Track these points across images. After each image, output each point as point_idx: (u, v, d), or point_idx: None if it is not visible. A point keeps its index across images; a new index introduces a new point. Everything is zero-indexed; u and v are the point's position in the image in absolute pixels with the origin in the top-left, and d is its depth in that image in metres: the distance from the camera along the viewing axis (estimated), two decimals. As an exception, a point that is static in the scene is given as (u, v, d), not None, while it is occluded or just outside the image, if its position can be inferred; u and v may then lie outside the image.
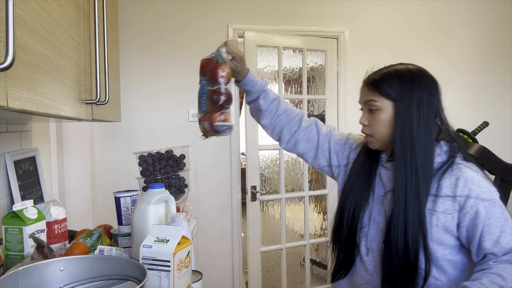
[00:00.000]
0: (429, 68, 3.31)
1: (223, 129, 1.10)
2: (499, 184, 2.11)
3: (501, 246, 0.98)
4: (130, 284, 0.87)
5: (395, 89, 1.05)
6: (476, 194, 1.00)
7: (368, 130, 1.11)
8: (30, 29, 0.74)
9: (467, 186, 1.01)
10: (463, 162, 1.06)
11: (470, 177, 1.02)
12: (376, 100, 1.07)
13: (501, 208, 1.01)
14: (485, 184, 1.02)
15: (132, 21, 2.61)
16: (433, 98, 1.07)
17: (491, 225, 0.99)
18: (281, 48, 2.74)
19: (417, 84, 1.05)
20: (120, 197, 1.37)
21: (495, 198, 1.01)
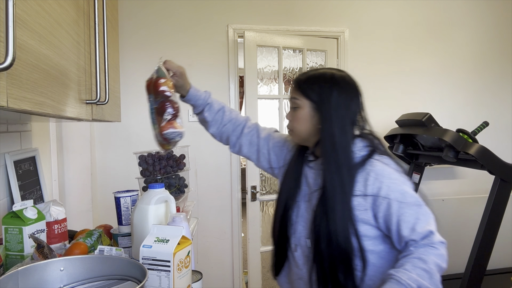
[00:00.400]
0: (429, 68, 3.31)
1: (172, 136, 1.16)
2: (499, 184, 2.11)
3: (418, 232, 1.03)
4: (130, 284, 0.87)
5: (316, 92, 1.14)
6: (386, 186, 1.06)
7: (289, 125, 1.21)
8: (30, 29, 0.74)
9: (377, 179, 1.07)
10: (376, 156, 1.13)
11: (380, 170, 1.08)
12: (297, 98, 1.17)
13: (412, 197, 1.06)
14: (395, 175, 1.08)
15: (132, 21, 2.61)
16: (351, 103, 1.14)
17: (405, 213, 1.04)
18: (281, 48, 2.74)
19: (336, 89, 1.13)
20: (120, 197, 1.37)
21: (406, 188, 1.07)
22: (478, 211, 2.37)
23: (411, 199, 1.05)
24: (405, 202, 1.05)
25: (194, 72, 2.71)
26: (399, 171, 1.10)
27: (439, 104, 3.04)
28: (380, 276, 1.08)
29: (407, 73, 3.01)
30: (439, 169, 3.07)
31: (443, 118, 2.76)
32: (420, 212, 1.05)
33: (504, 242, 2.90)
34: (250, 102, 2.68)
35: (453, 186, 3.13)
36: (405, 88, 3.00)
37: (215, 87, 2.74)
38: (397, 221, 1.04)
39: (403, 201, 1.05)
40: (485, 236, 2.12)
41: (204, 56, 2.71)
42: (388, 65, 2.97)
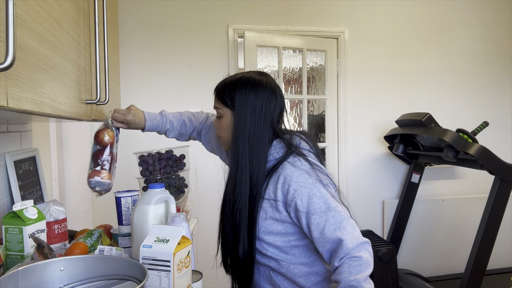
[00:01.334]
0: (429, 68, 3.31)
1: (95, 185, 1.24)
2: (499, 184, 2.11)
3: (325, 237, 1.02)
4: (130, 284, 0.87)
5: (234, 98, 1.15)
6: (293, 189, 1.05)
7: (217, 133, 1.25)
8: (30, 29, 0.74)
9: (286, 182, 1.07)
10: (290, 158, 1.12)
11: (289, 173, 1.07)
12: (218, 107, 1.20)
13: (322, 198, 1.04)
14: (303, 178, 1.06)
15: (132, 21, 2.61)
16: (268, 106, 1.14)
17: (314, 216, 1.03)
18: (281, 48, 2.74)
19: (253, 93, 1.14)
20: (121, 197, 1.37)
21: (313, 190, 1.05)
22: (478, 211, 2.37)
23: (318, 201, 1.03)
24: (313, 205, 1.03)
25: (194, 72, 2.71)
26: (311, 172, 1.08)
27: (439, 104, 3.04)
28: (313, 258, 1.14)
29: (407, 73, 3.01)
30: (439, 169, 3.07)
31: (443, 118, 2.76)
32: (329, 215, 1.02)
33: (504, 242, 2.90)
34: (250, 102, 2.68)
35: (453, 186, 3.13)
36: (405, 88, 3.00)
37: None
38: (307, 223, 1.04)
39: (311, 204, 1.03)
40: (485, 236, 2.12)
41: (204, 56, 2.71)
42: (388, 65, 2.97)
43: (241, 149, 1.12)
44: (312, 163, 1.10)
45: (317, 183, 1.06)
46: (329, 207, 1.03)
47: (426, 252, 3.03)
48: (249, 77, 1.16)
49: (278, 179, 1.09)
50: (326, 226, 1.02)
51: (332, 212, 1.02)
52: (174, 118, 1.49)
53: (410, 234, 2.98)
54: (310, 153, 1.16)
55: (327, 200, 1.04)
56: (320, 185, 1.05)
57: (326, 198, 1.04)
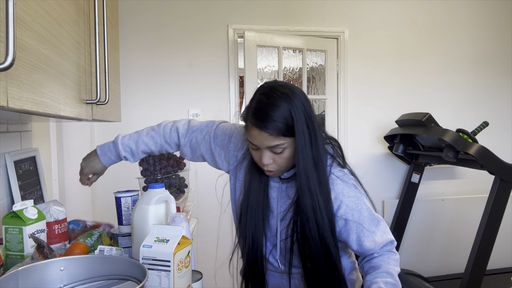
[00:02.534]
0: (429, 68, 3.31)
1: None
2: (499, 184, 2.11)
3: (379, 243, 1.10)
4: (130, 284, 0.87)
5: (290, 121, 0.99)
6: (345, 205, 1.07)
7: (273, 167, 1.07)
8: (30, 29, 0.74)
9: (338, 199, 1.07)
10: (336, 171, 1.10)
11: (340, 190, 1.08)
12: (280, 144, 1.01)
13: (368, 210, 1.09)
14: (352, 193, 1.08)
15: (132, 21, 2.61)
16: (311, 109, 1.05)
17: (363, 229, 1.09)
18: (281, 48, 2.74)
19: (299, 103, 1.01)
20: (121, 197, 1.37)
21: (361, 204, 1.09)
22: (478, 211, 2.37)
23: (366, 213, 1.09)
24: (361, 219, 1.08)
25: (195, 72, 2.71)
26: (355, 186, 1.10)
27: (439, 104, 3.04)
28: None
29: (407, 73, 3.01)
30: (439, 169, 3.07)
31: (443, 118, 2.76)
32: (379, 226, 1.11)
33: (504, 242, 2.90)
34: (250, 102, 2.68)
35: (453, 186, 3.13)
36: (405, 88, 3.00)
37: (215, 87, 2.74)
38: (356, 236, 1.09)
39: (359, 218, 1.08)
40: (485, 236, 2.12)
41: (204, 56, 2.71)
42: (388, 65, 2.97)
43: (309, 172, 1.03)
44: (355, 175, 1.13)
45: (361, 196, 1.10)
46: (377, 218, 1.12)
47: (426, 252, 3.03)
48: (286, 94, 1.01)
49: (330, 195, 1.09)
50: (377, 235, 1.10)
51: (381, 223, 1.12)
52: (133, 147, 1.33)
53: (410, 234, 2.98)
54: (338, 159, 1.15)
55: (371, 211, 1.11)
56: (364, 197, 1.11)
57: (370, 211, 1.10)
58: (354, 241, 1.10)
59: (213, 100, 2.74)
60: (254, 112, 1.02)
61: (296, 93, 1.03)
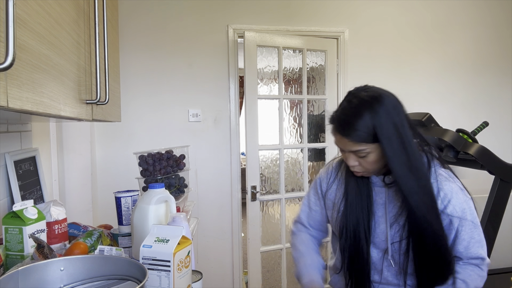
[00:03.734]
0: (429, 68, 3.31)
1: None
2: (499, 184, 2.11)
3: (469, 252, 1.11)
4: (130, 284, 0.87)
5: (372, 129, 1.02)
6: (452, 206, 1.10)
7: (360, 168, 1.12)
8: (30, 29, 0.74)
9: (446, 198, 1.10)
10: (441, 171, 1.13)
11: (449, 190, 1.11)
12: (363, 149, 1.05)
13: (471, 215, 1.11)
14: (461, 195, 1.12)
15: (132, 21, 2.61)
16: (402, 115, 1.07)
17: (462, 232, 1.10)
18: (281, 48, 2.74)
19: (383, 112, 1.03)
20: (121, 197, 1.37)
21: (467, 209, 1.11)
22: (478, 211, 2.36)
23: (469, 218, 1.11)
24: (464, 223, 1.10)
25: (195, 72, 2.71)
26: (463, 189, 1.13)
27: (439, 104, 3.04)
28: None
29: (407, 73, 3.01)
30: (439, 169, 3.06)
31: (443, 118, 2.76)
32: (475, 233, 1.11)
33: (504, 242, 2.90)
34: (250, 102, 2.68)
35: (453, 186, 3.13)
36: (405, 88, 3.00)
37: (215, 87, 2.74)
38: (454, 237, 1.11)
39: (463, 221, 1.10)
40: (485, 236, 2.12)
41: (204, 56, 2.71)
42: (388, 65, 2.97)
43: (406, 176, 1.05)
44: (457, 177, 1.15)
45: (469, 199, 1.13)
46: (476, 225, 1.12)
47: (426, 252, 3.02)
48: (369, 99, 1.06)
49: (438, 193, 1.10)
50: (471, 243, 1.11)
51: (478, 230, 1.12)
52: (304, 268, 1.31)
53: (410, 234, 2.97)
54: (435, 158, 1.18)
55: (475, 217, 1.12)
56: (471, 202, 1.13)
57: (475, 216, 1.12)
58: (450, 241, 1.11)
59: (213, 100, 2.74)
60: (337, 118, 1.08)
61: (381, 100, 1.05)
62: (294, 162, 2.96)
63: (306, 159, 2.87)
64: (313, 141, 2.99)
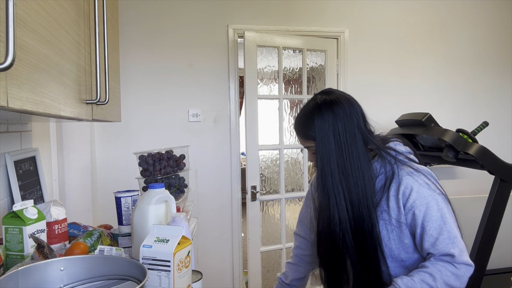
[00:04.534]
0: (429, 68, 3.30)
1: None
2: (499, 184, 2.11)
3: (437, 248, 1.06)
4: (130, 284, 0.87)
5: (315, 129, 1.12)
6: (412, 200, 1.08)
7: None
8: (30, 29, 0.74)
9: (406, 192, 1.08)
10: (405, 169, 1.12)
11: (409, 184, 1.09)
12: (311, 146, 1.15)
13: (439, 211, 1.07)
14: (425, 190, 1.09)
15: (132, 21, 2.61)
16: (351, 123, 1.12)
17: (428, 227, 1.07)
18: (281, 48, 2.74)
19: (328, 117, 1.10)
20: (121, 197, 1.37)
21: (433, 205, 1.08)
22: (478, 211, 2.37)
23: (436, 213, 1.07)
24: (430, 216, 1.07)
25: (195, 72, 2.71)
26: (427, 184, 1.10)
27: (439, 104, 3.04)
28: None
29: (407, 73, 3.01)
30: (439, 169, 3.07)
31: (443, 118, 2.76)
32: (444, 228, 1.06)
33: (504, 242, 2.90)
34: (250, 102, 2.68)
35: (453, 186, 3.13)
36: (405, 88, 3.00)
37: (215, 87, 2.74)
38: (420, 233, 1.08)
39: (428, 214, 1.07)
40: (485, 236, 2.12)
41: (204, 56, 2.71)
42: (388, 65, 2.97)
43: (331, 179, 1.11)
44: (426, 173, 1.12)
45: (438, 195, 1.09)
46: (446, 220, 1.07)
47: (426, 252, 3.02)
48: (317, 103, 1.13)
49: (398, 188, 1.10)
50: (440, 239, 1.06)
51: (448, 225, 1.06)
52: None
53: (410, 234, 2.97)
54: (411, 155, 1.19)
55: (443, 212, 1.07)
56: (440, 198, 1.09)
57: (443, 210, 1.07)
58: (418, 238, 1.09)
59: (213, 100, 2.74)
60: (296, 117, 1.20)
61: (332, 106, 1.11)
62: (294, 162, 2.96)
63: (306, 159, 2.87)
64: (313, 141, 2.99)
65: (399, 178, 1.10)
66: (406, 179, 1.10)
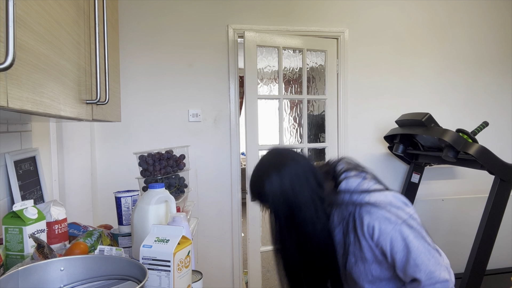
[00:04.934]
0: (429, 68, 3.30)
1: None
2: (499, 184, 2.11)
3: (407, 275, 1.09)
4: (130, 284, 0.87)
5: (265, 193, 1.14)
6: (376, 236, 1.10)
7: None
8: (30, 29, 0.74)
9: (369, 229, 1.11)
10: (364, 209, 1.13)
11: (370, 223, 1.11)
12: (263, 205, 1.20)
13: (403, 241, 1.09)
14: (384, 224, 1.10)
15: (132, 21, 2.61)
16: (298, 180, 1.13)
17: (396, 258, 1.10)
18: (281, 48, 2.74)
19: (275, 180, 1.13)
20: (121, 197, 1.37)
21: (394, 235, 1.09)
22: (478, 211, 2.37)
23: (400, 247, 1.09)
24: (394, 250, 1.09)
25: (195, 72, 2.71)
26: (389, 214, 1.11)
27: (439, 104, 3.04)
28: None
29: (407, 73, 3.01)
30: (439, 169, 3.07)
31: (443, 118, 2.76)
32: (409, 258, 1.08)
33: (504, 242, 2.90)
34: (250, 102, 2.68)
35: (453, 186, 3.13)
36: (405, 88, 3.00)
37: (215, 87, 2.74)
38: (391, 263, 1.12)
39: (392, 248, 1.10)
40: (485, 236, 2.12)
41: (204, 56, 2.71)
42: (388, 65, 2.97)
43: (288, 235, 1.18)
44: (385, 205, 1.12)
45: (399, 225, 1.10)
46: (410, 250, 1.08)
47: (426, 252, 3.02)
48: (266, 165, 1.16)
49: (362, 230, 1.12)
50: (407, 267, 1.09)
51: (413, 255, 1.08)
52: None
53: (410, 234, 2.97)
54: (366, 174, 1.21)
55: (410, 242, 1.09)
56: (403, 227, 1.10)
57: (409, 241, 1.09)
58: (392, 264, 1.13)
59: (213, 100, 2.74)
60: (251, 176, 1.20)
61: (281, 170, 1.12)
62: (294, 162, 2.96)
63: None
64: (313, 141, 2.99)
65: (360, 219, 1.13)
66: (366, 219, 1.11)
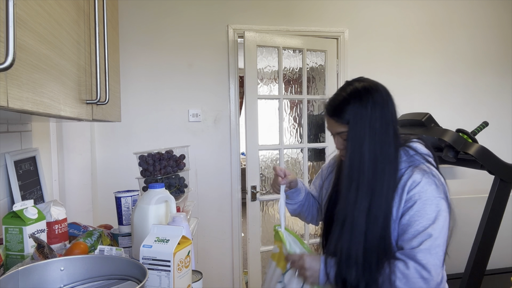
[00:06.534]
0: (429, 68, 3.30)
1: None
2: (499, 184, 2.11)
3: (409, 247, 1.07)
4: (130, 284, 0.87)
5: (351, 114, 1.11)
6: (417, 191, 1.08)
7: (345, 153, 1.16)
8: (30, 29, 0.74)
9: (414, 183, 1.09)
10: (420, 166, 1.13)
11: (418, 179, 1.09)
12: (345, 131, 1.13)
13: (436, 212, 1.07)
14: (431, 187, 1.09)
15: (132, 21, 2.61)
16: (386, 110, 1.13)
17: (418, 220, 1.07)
18: (281, 48, 2.74)
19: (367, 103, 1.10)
20: (121, 197, 1.37)
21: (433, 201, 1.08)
22: (478, 211, 2.37)
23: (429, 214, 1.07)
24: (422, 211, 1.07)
25: (195, 72, 2.71)
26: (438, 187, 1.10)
27: (439, 104, 3.04)
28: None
29: (407, 73, 3.01)
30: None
31: (443, 118, 2.76)
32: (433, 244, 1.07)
33: (504, 242, 2.90)
34: (250, 102, 2.68)
35: (453, 186, 3.11)
36: (405, 88, 3.00)
37: (215, 87, 2.74)
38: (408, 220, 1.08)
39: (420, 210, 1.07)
40: (485, 236, 2.12)
41: (204, 56, 2.71)
42: (388, 65, 2.97)
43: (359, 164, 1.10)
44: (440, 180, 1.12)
45: (441, 199, 1.09)
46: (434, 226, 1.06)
47: (426, 252, 3.02)
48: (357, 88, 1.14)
49: (406, 182, 1.10)
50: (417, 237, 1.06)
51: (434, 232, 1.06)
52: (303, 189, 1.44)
53: (410, 234, 2.97)
54: (430, 158, 1.18)
55: (438, 216, 1.07)
56: (443, 201, 1.09)
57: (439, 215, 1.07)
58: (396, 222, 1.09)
59: (213, 100, 2.74)
60: (329, 102, 1.17)
61: (371, 92, 1.12)
62: (294, 162, 2.96)
63: (306, 159, 2.87)
64: (313, 141, 2.99)
65: (411, 173, 1.11)
66: (416, 175, 1.10)
